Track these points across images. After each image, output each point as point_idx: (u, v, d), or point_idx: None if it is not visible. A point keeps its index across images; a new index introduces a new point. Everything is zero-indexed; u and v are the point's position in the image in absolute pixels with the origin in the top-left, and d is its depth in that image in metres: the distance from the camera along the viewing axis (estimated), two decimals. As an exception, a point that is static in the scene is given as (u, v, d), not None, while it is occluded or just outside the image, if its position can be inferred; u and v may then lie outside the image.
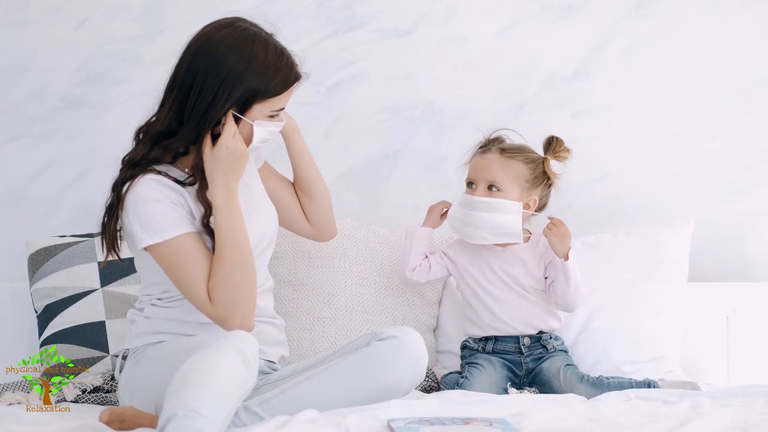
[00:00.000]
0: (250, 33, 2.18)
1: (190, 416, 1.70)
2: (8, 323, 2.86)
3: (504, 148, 2.57)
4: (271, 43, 2.19)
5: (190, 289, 2.11)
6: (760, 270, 2.98)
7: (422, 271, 2.61)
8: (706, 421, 1.86)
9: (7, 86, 3.07)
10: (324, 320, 2.68)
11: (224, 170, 2.14)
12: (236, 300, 2.10)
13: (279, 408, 2.00)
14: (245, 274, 2.12)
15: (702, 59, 3.03)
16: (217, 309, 2.10)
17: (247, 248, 2.14)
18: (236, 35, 2.16)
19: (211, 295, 2.10)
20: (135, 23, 3.08)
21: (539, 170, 2.55)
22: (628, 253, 2.75)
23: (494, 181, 2.52)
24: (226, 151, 2.13)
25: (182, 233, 2.12)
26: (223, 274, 2.10)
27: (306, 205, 2.47)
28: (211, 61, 2.13)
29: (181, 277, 2.12)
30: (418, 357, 2.10)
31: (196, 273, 2.11)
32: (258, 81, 2.14)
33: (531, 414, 1.93)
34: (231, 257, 2.11)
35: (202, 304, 2.11)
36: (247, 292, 2.12)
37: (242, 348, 1.88)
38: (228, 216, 2.13)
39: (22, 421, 2.00)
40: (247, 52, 2.14)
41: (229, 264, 2.11)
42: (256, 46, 2.16)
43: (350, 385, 2.05)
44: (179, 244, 2.12)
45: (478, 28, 3.08)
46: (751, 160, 3.01)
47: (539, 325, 2.55)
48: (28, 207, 3.06)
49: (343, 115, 3.08)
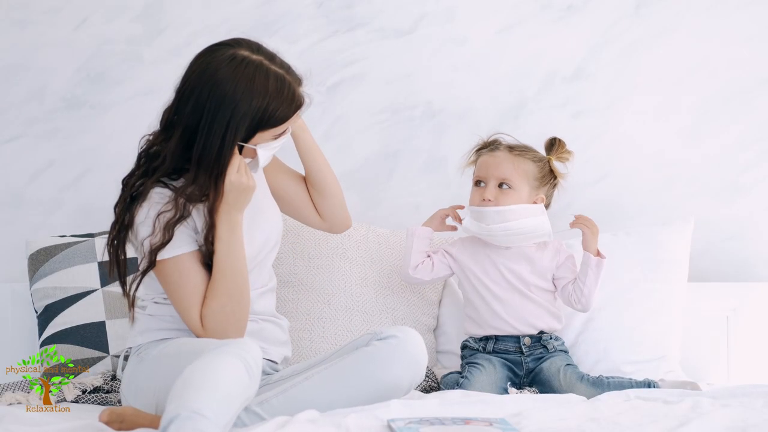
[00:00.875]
0: (253, 65, 2.14)
1: (193, 417, 1.70)
2: (8, 323, 2.86)
3: (512, 146, 2.57)
4: (272, 72, 2.15)
5: (185, 311, 2.16)
6: (760, 270, 2.98)
7: (425, 270, 2.61)
8: (706, 421, 1.86)
9: (7, 86, 3.07)
10: (324, 321, 2.68)
11: (228, 202, 2.16)
12: (226, 329, 2.15)
13: (279, 408, 2.01)
14: (238, 305, 2.16)
15: (702, 59, 3.03)
16: (208, 335, 2.15)
17: (244, 279, 2.18)
18: (240, 70, 2.12)
19: (204, 322, 2.15)
20: (135, 23, 3.08)
21: (546, 169, 2.55)
22: (628, 253, 2.75)
23: (505, 178, 2.52)
24: (230, 185, 2.15)
25: (183, 253, 2.15)
26: (217, 303, 2.14)
27: (317, 200, 2.47)
28: (219, 102, 2.11)
29: (177, 297, 2.16)
30: (418, 357, 2.11)
31: (192, 297, 2.15)
32: (262, 114, 2.13)
33: (531, 414, 1.93)
34: (226, 288, 2.15)
35: (194, 327, 2.16)
36: (237, 322, 2.17)
37: (246, 357, 1.89)
38: (228, 247, 2.16)
39: (22, 421, 2.00)
40: (252, 89, 2.12)
41: (224, 295, 2.15)
42: (260, 79, 2.13)
43: (350, 384, 2.06)
44: (178, 264, 2.15)
45: (478, 28, 3.08)
46: (751, 160, 3.01)
47: (540, 325, 2.55)
48: (28, 207, 3.06)
49: (343, 115, 3.08)
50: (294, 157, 2.45)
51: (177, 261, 2.15)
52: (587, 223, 2.53)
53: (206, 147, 2.12)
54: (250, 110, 2.12)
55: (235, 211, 2.17)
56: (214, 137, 2.11)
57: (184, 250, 2.15)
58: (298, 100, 2.19)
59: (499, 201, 2.50)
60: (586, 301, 2.51)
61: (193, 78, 2.14)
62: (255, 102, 2.12)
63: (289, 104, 2.17)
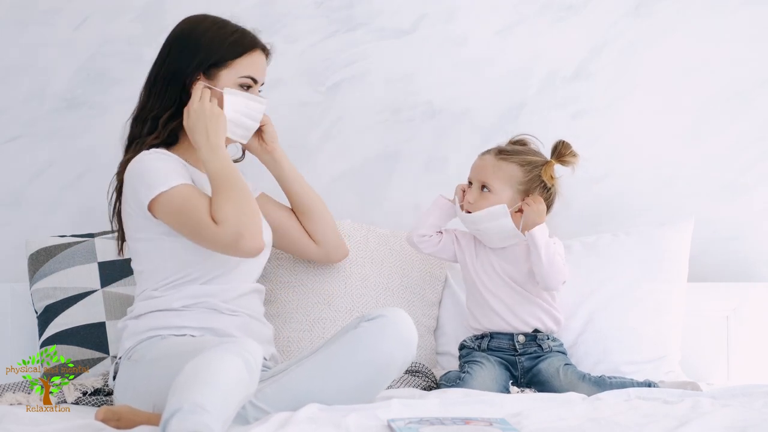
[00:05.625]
0: (206, 14, 2.41)
1: (196, 411, 1.71)
2: (8, 323, 2.86)
3: (502, 149, 2.58)
4: (227, 19, 2.40)
5: (198, 223, 2.19)
6: (760, 270, 2.98)
7: (431, 243, 2.62)
8: (706, 421, 1.86)
9: (7, 86, 3.07)
10: (324, 322, 2.68)
11: (200, 132, 2.27)
12: (239, 216, 2.17)
13: (272, 396, 2.02)
14: (243, 195, 2.21)
15: (702, 59, 3.03)
16: (224, 228, 2.16)
17: (240, 179, 2.24)
18: (192, 16, 2.40)
19: (215, 216, 2.18)
20: (135, 23, 3.08)
21: (535, 173, 2.55)
22: (628, 253, 2.75)
23: (485, 182, 2.55)
24: (195, 114, 2.28)
25: (185, 183, 2.23)
26: (223, 196, 2.19)
27: (308, 225, 2.57)
28: (170, 38, 2.38)
29: (189, 218, 2.20)
30: (407, 333, 2.11)
31: (203, 209, 2.19)
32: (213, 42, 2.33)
33: (531, 414, 1.93)
34: (226, 183, 2.21)
35: (211, 233, 2.18)
36: (249, 209, 2.20)
37: (246, 355, 1.89)
38: (215, 158, 2.25)
39: (22, 421, 2.00)
40: (205, 24, 2.36)
41: (226, 188, 2.21)
42: (209, 17, 2.39)
43: (342, 367, 2.06)
44: (184, 191, 2.22)
45: (478, 28, 3.08)
46: (751, 160, 3.01)
47: (534, 323, 2.55)
48: (28, 207, 3.06)
49: (343, 115, 3.08)
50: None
51: (181, 188, 2.22)
52: (529, 202, 2.52)
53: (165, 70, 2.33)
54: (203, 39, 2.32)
55: (213, 137, 2.26)
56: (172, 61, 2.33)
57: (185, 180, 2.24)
58: (253, 38, 2.38)
59: (478, 204, 2.54)
60: (541, 278, 2.50)
61: (162, 46, 2.39)
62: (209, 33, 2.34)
63: (241, 38, 2.35)
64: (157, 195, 2.22)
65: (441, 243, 2.63)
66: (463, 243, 2.63)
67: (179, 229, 2.23)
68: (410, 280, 2.78)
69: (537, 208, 2.51)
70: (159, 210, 2.23)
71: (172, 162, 2.29)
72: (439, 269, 2.83)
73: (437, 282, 2.82)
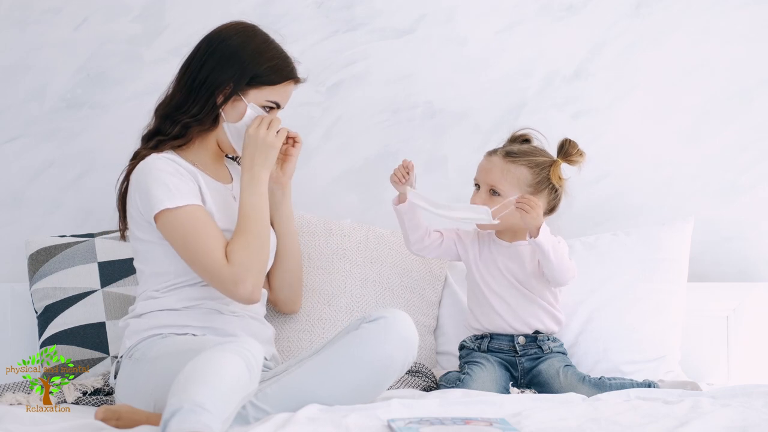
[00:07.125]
0: (256, 27, 2.39)
1: (196, 410, 1.71)
2: (8, 323, 2.86)
3: (509, 151, 2.55)
4: (273, 39, 2.38)
5: (206, 252, 2.21)
6: (760, 270, 2.98)
7: (432, 248, 2.61)
8: (706, 421, 1.86)
9: (7, 86, 3.07)
10: (324, 322, 2.68)
11: (248, 158, 2.30)
12: (251, 265, 2.21)
13: (273, 396, 2.02)
14: (262, 247, 2.25)
15: (702, 59, 3.03)
16: (233, 268, 2.19)
17: (267, 227, 2.28)
18: (242, 25, 2.38)
19: (230, 256, 2.21)
20: (135, 23, 3.08)
21: (543, 174, 2.54)
22: (628, 253, 2.75)
23: (494, 185, 2.52)
24: (248, 139, 2.31)
25: (196, 203, 2.24)
26: (244, 240, 2.22)
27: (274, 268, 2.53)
28: (215, 42, 2.35)
29: (197, 242, 2.21)
30: (408, 335, 2.11)
31: (215, 240, 2.22)
32: (254, 63, 2.32)
33: (531, 414, 1.93)
34: (252, 229, 2.24)
35: (218, 264, 2.20)
36: (261, 263, 2.24)
37: (246, 354, 1.89)
38: (250, 194, 2.27)
39: (22, 421, 2.00)
40: (248, 35, 2.35)
41: (251, 234, 2.24)
42: (258, 33, 2.37)
43: (342, 368, 2.06)
44: (194, 212, 2.23)
45: (478, 28, 3.08)
46: (751, 160, 3.01)
47: (535, 324, 2.54)
48: (28, 207, 3.06)
49: (343, 115, 3.08)
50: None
51: (191, 209, 2.23)
52: (524, 202, 2.46)
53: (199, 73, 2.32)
54: (243, 53, 2.32)
55: (257, 167, 2.29)
56: (207, 66, 2.32)
57: (195, 201, 2.25)
58: (293, 68, 2.37)
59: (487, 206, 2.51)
60: (551, 278, 2.51)
61: (203, 43, 2.36)
62: (250, 47, 2.32)
63: (282, 65, 2.35)
64: (163, 210, 2.22)
65: (443, 245, 2.62)
66: (467, 242, 2.62)
67: (179, 249, 2.24)
68: (410, 280, 2.78)
69: (535, 213, 2.45)
70: (162, 225, 2.24)
71: (184, 175, 2.28)
72: (439, 269, 2.83)
73: (437, 282, 2.82)
